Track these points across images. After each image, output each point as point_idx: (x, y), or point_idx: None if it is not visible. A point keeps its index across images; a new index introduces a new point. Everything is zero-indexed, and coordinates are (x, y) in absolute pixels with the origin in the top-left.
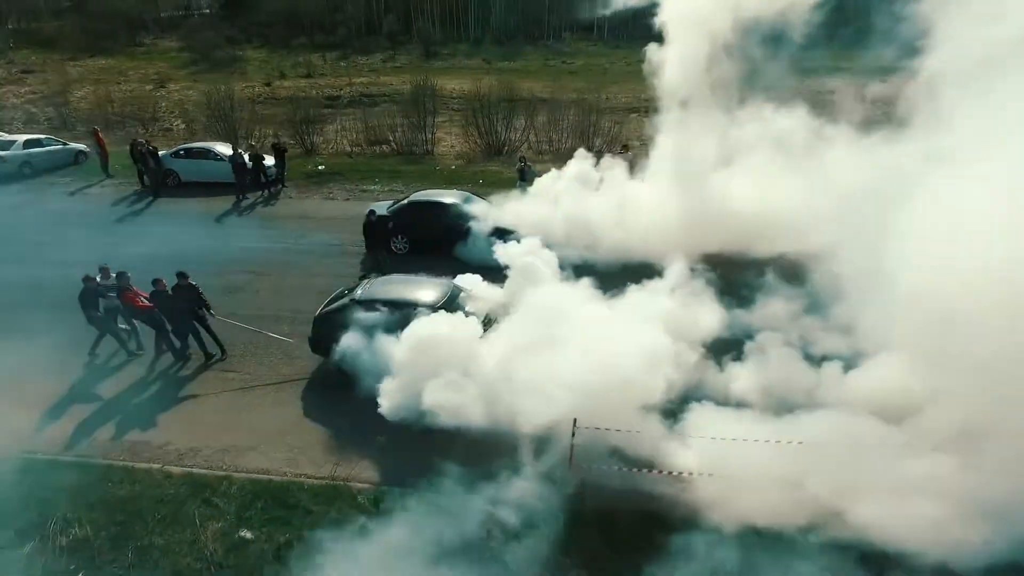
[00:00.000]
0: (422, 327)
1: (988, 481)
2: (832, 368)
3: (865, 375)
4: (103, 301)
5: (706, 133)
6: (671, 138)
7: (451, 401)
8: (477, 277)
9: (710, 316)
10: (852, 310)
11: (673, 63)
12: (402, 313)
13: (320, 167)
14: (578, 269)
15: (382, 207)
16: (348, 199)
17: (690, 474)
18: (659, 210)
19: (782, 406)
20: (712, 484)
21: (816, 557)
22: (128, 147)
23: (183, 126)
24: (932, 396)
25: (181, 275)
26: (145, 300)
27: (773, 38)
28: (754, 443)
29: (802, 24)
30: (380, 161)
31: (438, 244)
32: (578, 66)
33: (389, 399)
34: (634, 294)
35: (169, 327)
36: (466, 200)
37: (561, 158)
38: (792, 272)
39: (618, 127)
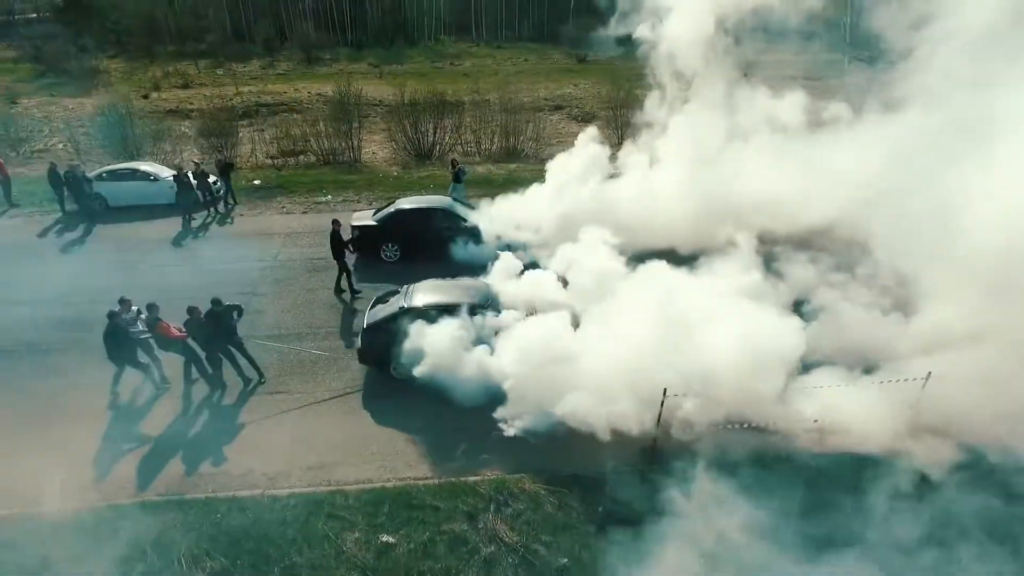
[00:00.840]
0: (529, 329)
1: None
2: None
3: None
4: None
5: (715, 118)
6: (681, 126)
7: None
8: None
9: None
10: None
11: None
12: (453, 315)
13: (256, 181)
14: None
15: (366, 216)
16: (306, 212)
17: None
18: (677, 198)
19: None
20: None
21: None
22: (46, 171)
23: (60, 146)
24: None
25: (216, 301)
26: (178, 330)
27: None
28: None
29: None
30: (315, 172)
31: (430, 249)
32: (467, 67)
33: (513, 407)
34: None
35: (203, 354)
36: (452, 205)
37: (492, 159)
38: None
39: (538, 127)
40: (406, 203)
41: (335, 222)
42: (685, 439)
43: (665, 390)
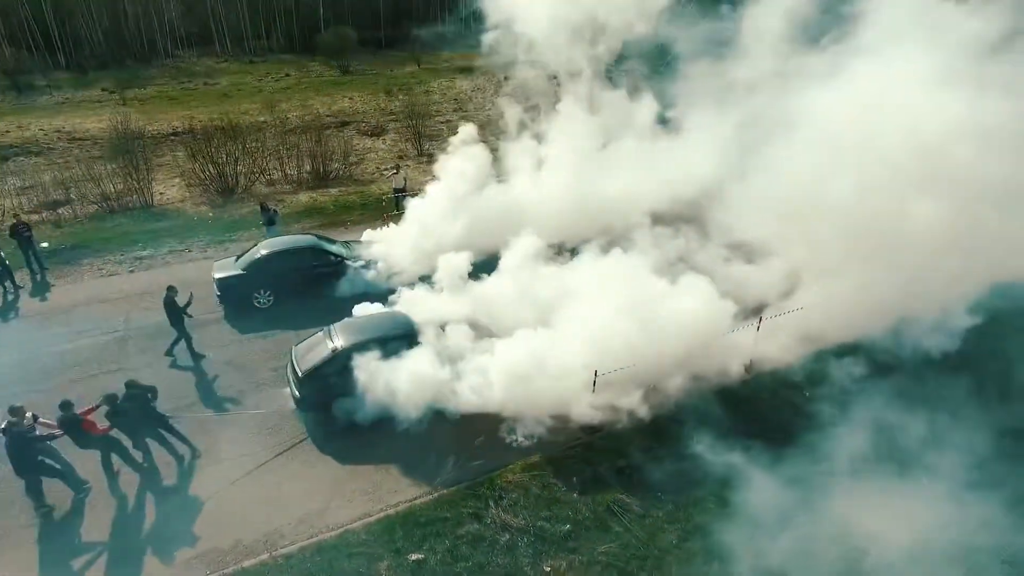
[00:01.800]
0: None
1: None
2: None
3: None
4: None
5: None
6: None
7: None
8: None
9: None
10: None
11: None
12: (389, 347)
13: (44, 244)
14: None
15: (229, 265)
16: (133, 271)
17: None
18: (560, 198)
19: None
20: None
21: None
22: None
23: None
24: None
25: (131, 384)
26: (99, 423)
27: None
28: None
29: None
30: (110, 224)
31: (304, 289)
32: (225, 87)
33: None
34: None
35: (129, 443)
36: (317, 242)
37: (303, 185)
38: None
39: (345, 147)
40: (271, 246)
41: (170, 288)
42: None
43: (596, 372)
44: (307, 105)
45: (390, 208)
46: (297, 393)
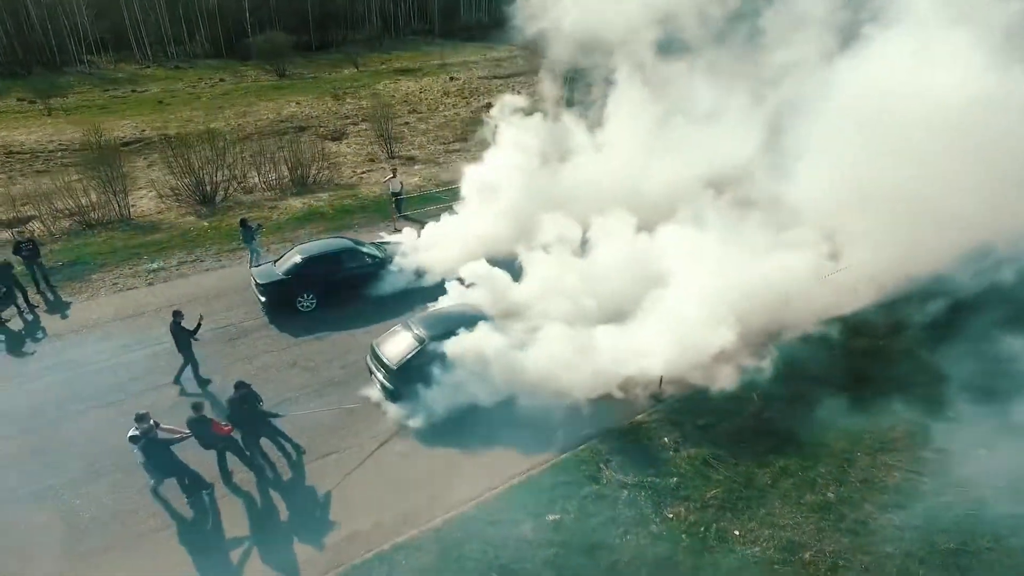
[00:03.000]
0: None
1: None
2: None
3: None
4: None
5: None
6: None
7: None
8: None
9: None
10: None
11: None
12: (469, 330)
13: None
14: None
15: (271, 271)
16: (151, 283)
17: None
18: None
19: None
20: None
21: None
22: None
23: None
24: None
25: (241, 384)
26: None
27: None
28: None
29: None
30: (100, 238)
31: (346, 291)
32: (157, 93)
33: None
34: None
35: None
36: (355, 243)
37: (284, 192)
38: None
39: (322, 152)
40: (310, 250)
41: (176, 313)
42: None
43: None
44: (253, 111)
45: (387, 211)
46: (390, 385)
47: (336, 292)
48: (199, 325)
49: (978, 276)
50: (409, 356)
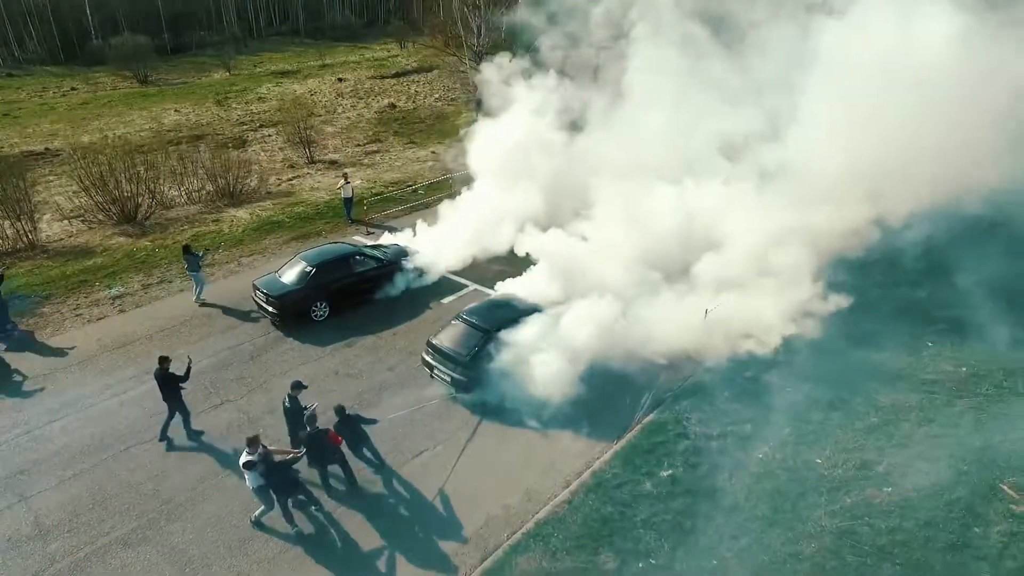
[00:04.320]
0: None
1: None
2: None
3: None
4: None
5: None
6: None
7: None
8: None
9: None
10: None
11: None
12: (525, 323)
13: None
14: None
15: (278, 283)
16: (122, 310)
17: None
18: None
19: None
20: None
21: None
22: None
23: None
24: None
25: (341, 408)
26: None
27: None
28: None
29: None
30: (24, 268)
31: (358, 296)
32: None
33: None
34: None
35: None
36: (360, 247)
37: (211, 205)
38: None
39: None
40: (318, 257)
41: (162, 360)
42: None
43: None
44: (127, 121)
45: (347, 216)
46: (463, 377)
47: (348, 298)
48: (189, 369)
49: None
50: (478, 347)
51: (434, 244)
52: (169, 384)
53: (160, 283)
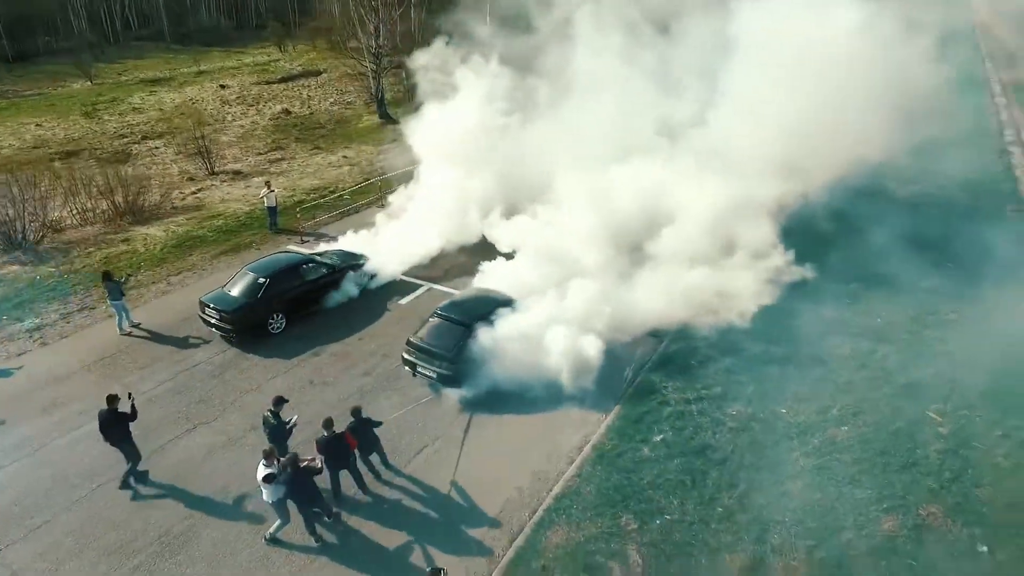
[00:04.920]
0: None
1: None
2: None
3: None
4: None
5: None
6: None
7: None
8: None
9: None
10: None
11: None
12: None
13: None
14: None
15: (228, 299)
16: (44, 342)
17: None
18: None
19: None
20: None
21: None
22: None
23: None
24: None
25: (356, 411)
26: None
27: None
28: None
29: None
30: None
31: (313, 304)
32: None
33: None
34: None
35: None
36: (308, 255)
37: (107, 224)
38: None
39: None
40: (270, 267)
41: (110, 399)
42: None
43: None
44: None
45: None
46: (449, 372)
47: (303, 308)
48: (133, 405)
49: None
50: (461, 342)
51: (384, 245)
52: (119, 424)
53: (82, 310)
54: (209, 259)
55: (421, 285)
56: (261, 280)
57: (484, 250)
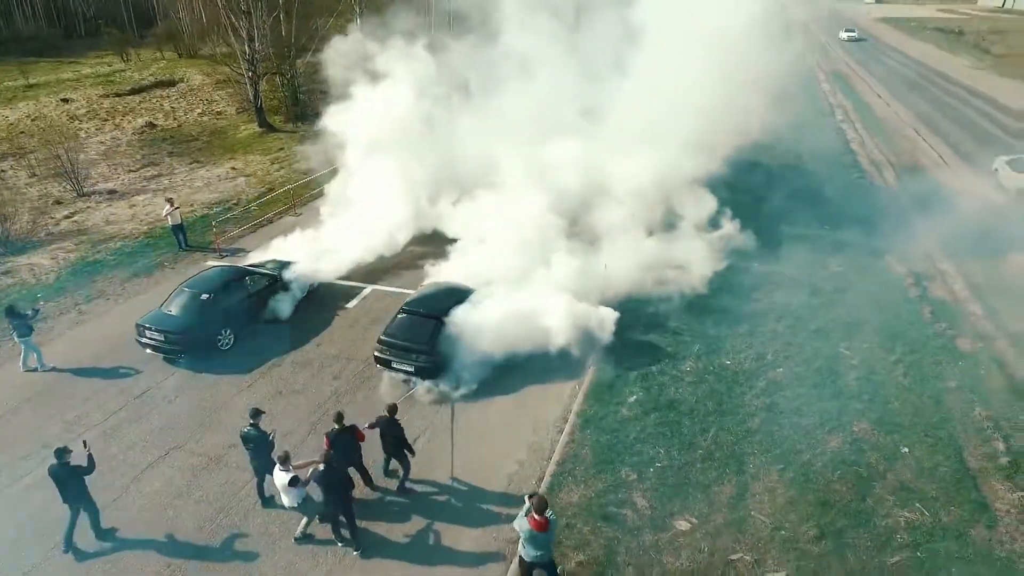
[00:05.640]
0: None
1: None
2: None
3: None
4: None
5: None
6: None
7: None
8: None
9: None
10: None
11: None
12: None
13: None
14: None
15: (161, 318)
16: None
17: None
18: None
19: None
20: None
21: None
22: None
23: None
24: None
25: (393, 408)
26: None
27: None
28: None
29: None
30: None
31: (258, 316)
32: None
33: None
34: None
35: None
36: (244, 267)
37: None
38: None
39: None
40: (210, 283)
41: (59, 452)
42: None
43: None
44: None
45: (177, 244)
46: (425, 364)
47: (249, 321)
48: (90, 455)
49: None
50: (434, 334)
51: (318, 251)
52: (73, 479)
53: None
54: (120, 284)
55: (364, 288)
56: (205, 296)
57: (424, 245)
